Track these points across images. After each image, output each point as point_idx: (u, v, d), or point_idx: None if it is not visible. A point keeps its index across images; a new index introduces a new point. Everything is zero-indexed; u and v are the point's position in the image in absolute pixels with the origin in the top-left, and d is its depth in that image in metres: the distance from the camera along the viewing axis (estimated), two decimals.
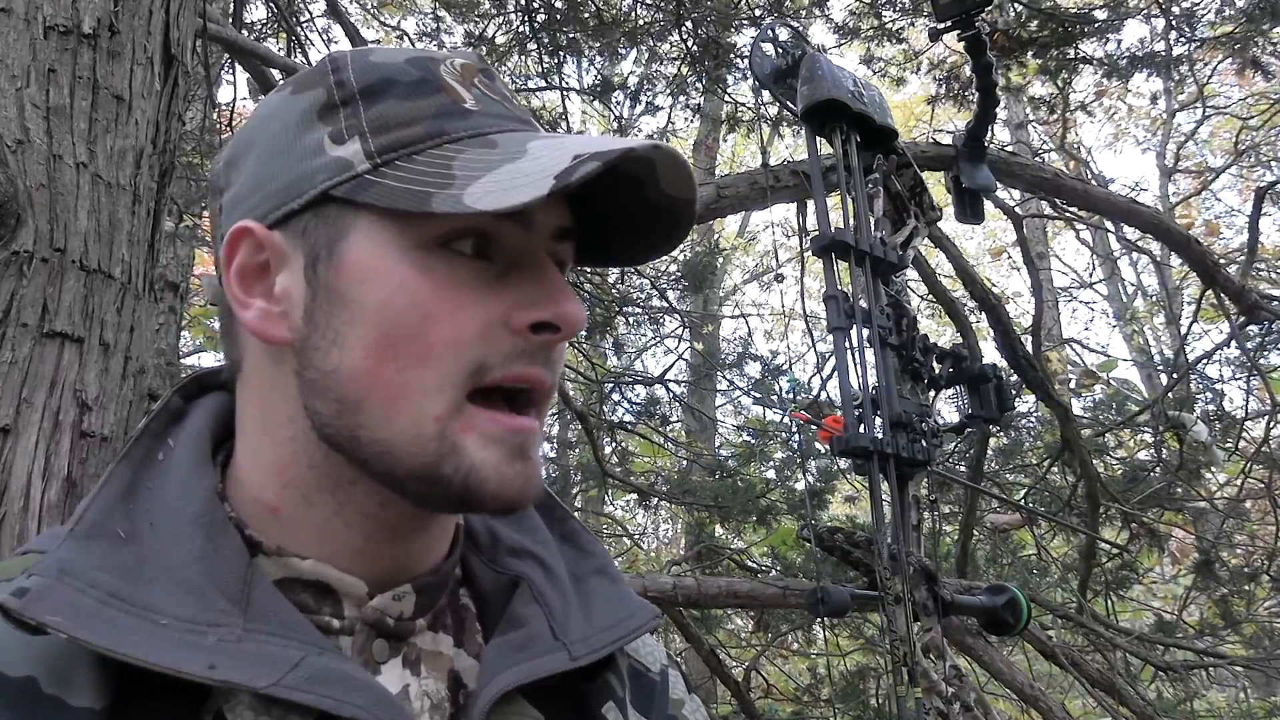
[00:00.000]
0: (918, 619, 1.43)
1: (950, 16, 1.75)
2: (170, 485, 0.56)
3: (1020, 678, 3.26)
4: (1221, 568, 4.51)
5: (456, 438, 0.53)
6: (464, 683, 0.59)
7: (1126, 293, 12.15)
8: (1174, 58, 4.88)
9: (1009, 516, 4.96)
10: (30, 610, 0.48)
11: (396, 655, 0.58)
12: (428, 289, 0.54)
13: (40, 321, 1.14)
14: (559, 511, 0.71)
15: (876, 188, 1.65)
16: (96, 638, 0.48)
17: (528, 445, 0.56)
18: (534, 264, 0.56)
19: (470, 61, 0.60)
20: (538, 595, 0.62)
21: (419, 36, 5.20)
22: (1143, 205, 3.39)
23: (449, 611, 0.62)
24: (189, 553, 0.53)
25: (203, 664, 0.48)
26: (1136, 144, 12.48)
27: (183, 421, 0.61)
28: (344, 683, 0.51)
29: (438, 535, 0.62)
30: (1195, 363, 4.64)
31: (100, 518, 0.54)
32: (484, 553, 0.66)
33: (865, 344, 1.48)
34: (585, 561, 0.68)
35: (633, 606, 0.66)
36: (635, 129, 5.62)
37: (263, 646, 0.50)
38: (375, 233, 0.54)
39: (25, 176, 1.15)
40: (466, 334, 0.54)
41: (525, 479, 0.55)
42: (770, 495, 4.56)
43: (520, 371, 0.55)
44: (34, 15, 1.21)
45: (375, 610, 0.57)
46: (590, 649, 0.60)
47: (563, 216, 0.59)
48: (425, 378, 0.53)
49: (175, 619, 0.50)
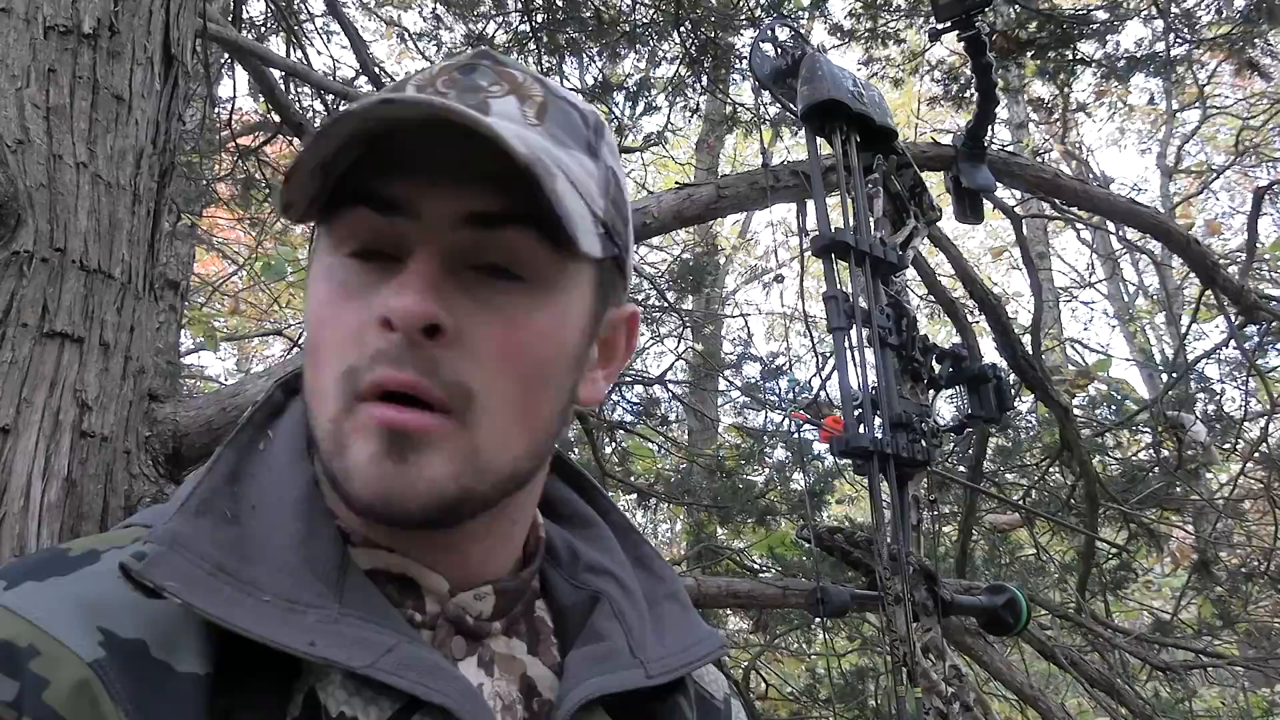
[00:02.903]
0: (917, 619, 1.43)
1: (950, 17, 1.75)
2: (272, 473, 0.58)
3: (1020, 678, 3.26)
4: (1220, 568, 4.51)
5: (345, 438, 0.53)
6: (538, 690, 0.60)
7: (1128, 292, 12.15)
8: (1173, 59, 4.89)
9: (1008, 517, 4.96)
10: (150, 573, 0.49)
11: (472, 654, 0.59)
12: (324, 295, 0.55)
13: (40, 321, 1.14)
14: (634, 535, 0.72)
15: (876, 188, 1.65)
16: (209, 606, 0.49)
17: (404, 445, 0.52)
18: (411, 258, 0.53)
19: (452, 63, 0.59)
20: (617, 612, 0.63)
21: (419, 36, 5.20)
22: (1143, 206, 3.39)
23: (524, 620, 0.63)
24: (290, 536, 0.54)
25: (304, 640, 0.50)
26: (1139, 143, 12.49)
27: (283, 415, 0.63)
28: (434, 671, 0.52)
29: (505, 539, 0.62)
30: (1194, 363, 4.64)
31: (209, 497, 0.55)
32: (564, 568, 0.67)
33: (865, 344, 1.48)
34: (658, 586, 0.69)
35: (702, 634, 0.67)
36: (635, 129, 5.62)
37: (358, 630, 0.52)
38: (320, 247, 0.57)
39: (25, 176, 1.15)
40: (342, 336, 0.54)
41: (394, 480, 0.51)
42: (770, 495, 4.56)
43: (382, 375, 0.52)
44: (34, 15, 1.21)
45: (456, 607, 0.59)
46: (665, 669, 0.61)
47: (475, 200, 0.53)
48: (323, 382, 0.54)
49: (277, 596, 0.51)
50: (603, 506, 0.72)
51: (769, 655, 5.23)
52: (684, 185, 2.79)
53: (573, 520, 0.70)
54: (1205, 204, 11.57)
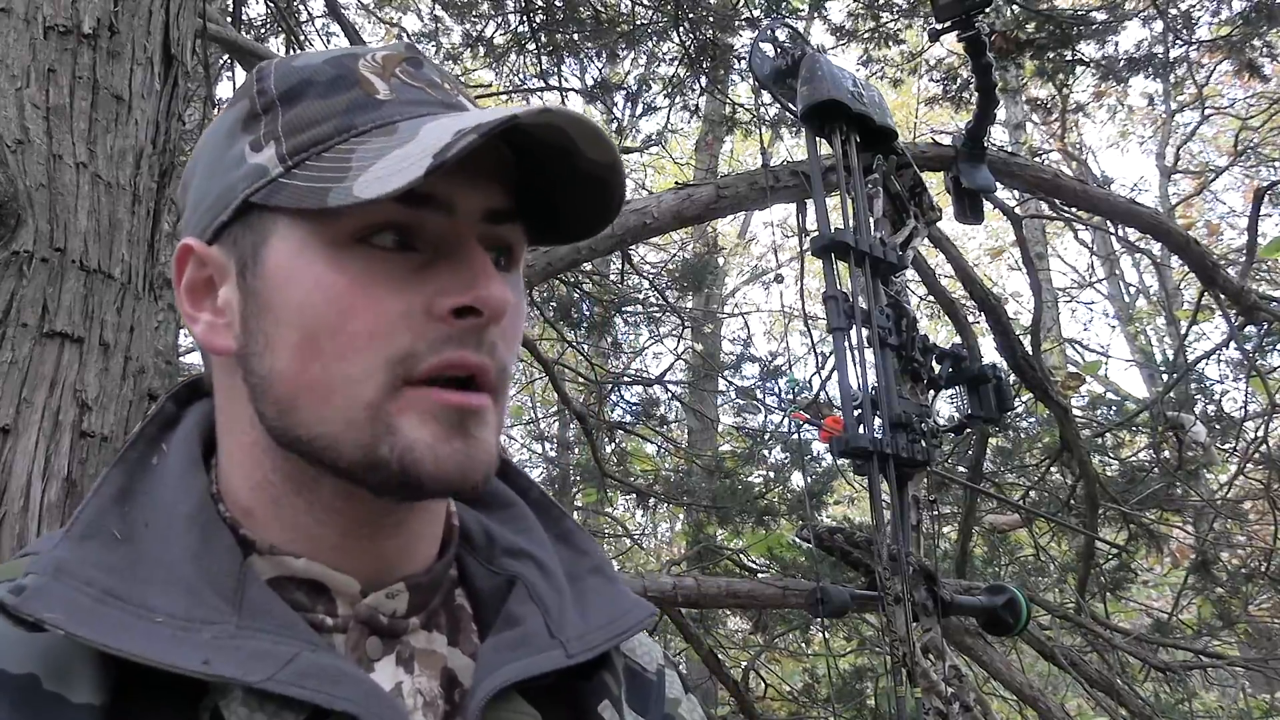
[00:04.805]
0: (917, 619, 1.43)
1: (950, 17, 1.75)
2: (164, 488, 0.57)
3: (1019, 678, 3.26)
4: (1220, 569, 4.51)
5: (391, 419, 0.53)
6: (459, 681, 0.59)
7: (1129, 293, 12.15)
8: (1172, 60, 4.89)
9: (1008, 517, 4.96)
10: (28, 607, 0.48)
11: (390, 653, 0.58)
12: (343, 285, 0.54)
13: (40, 321, 1.14)
14: (554, 511, 0.71)
15: (876, 188, 1.65)
16: (93, 634, 0.48)
17: (469, 422, 0.55)
18: (458, 250, 0.55)
19: (393, 52, 0.60)
20: (534, 594, 0.62)
21: (418, 36, 5.20)
22: (1142, 206, 3.40)
23: (443, 611, 0.62)
24: (182, 551, 0.54)
25: (197, 659, 0.49)
26: (1140, 144, 12.49)
27: (176, 427, 0.62)
28: (336, 678, 0.51)
29: (422, 533, 0.62)
30: (1194, 363, 4.64)
31: (95, 519, 0.54)
32: (480, 553, 0.66)
33: (865, 344, 1.48)
34: (581, 560, 0.68)
35: (628, 604, 0.66)
36: (634, 130, 5.62)
37: (256, 643, 0.51)
38: (291, 234, 0.55)
39: (25, 176, 1.15)
40: (386, 324, 0.54)
41: (465, 456, 0.54)
42: (770, 495, 4.56)
43: (450, 356, 0.54)
44: (34, 15, 1.21)
45: (368, 608, 0.58)
46: (586, 647, 0.60)
47: (493, 198, 0.57)
48: (350, 370, 0.53)
49: (170, 616, 0.51)
50: (521, 485, 0.71)
51: (768, 655, 5.23)
52: (683, 185, 2.79)
53: (489, 503, 0.69)
54: (1207, 205, 11.57)
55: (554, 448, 7.97)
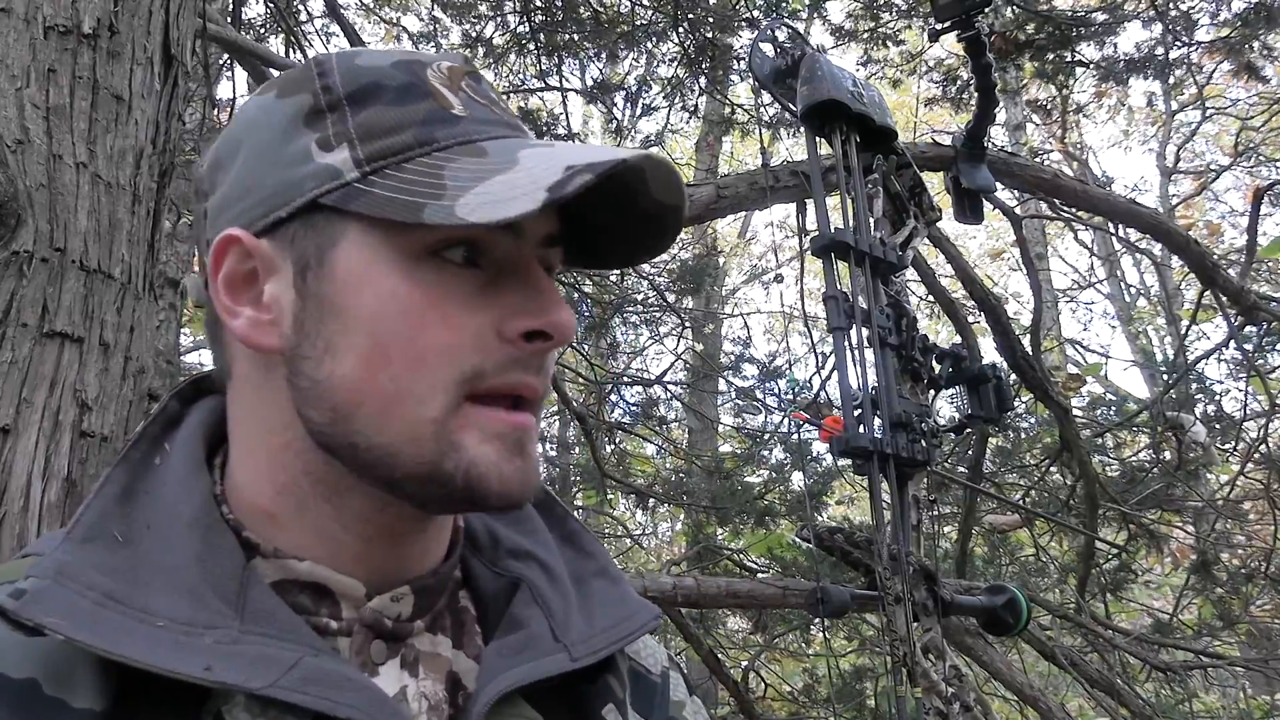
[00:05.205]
0: (917, 619, 1.43)
1: (949, 17, 1.75)
2: (167, 489, 0.57)
3: (1020, 678, 3.26)
4: (1220, 569, 4.51)
5: (454, 435, 0.54)
6: (463, 684, 0.59)
7: (1129, 293, 12.15)
8: (1172, 61, 4.89)
9: (1008, 517, 4.96)
10: (27, 611, 0.48)
11: (394, 657, 0.58)
12: (418, 297, 0.54)
13: (40, 321, 1.14)
14: (559, 511, 0.71)
15: (876, 188, 1.65)
16: (94, 639, 0.48)
17: (525, 441, 0.56)
18: (525, 272, 0.57)
19: (457, 65, 0.60)
20: (538, 597, 0.62)
21: (418, 36, 5.20)
22: (1142, 206, 3.40)
23: (448, 613, 0.62)
24: (185, 555, 0.53)
25: (199, 665, 0.48)
26: (1141, 144, 12.49)
27: (179, 426, 0.61)
28: (340, 684, 0.51)
29: (436, 537, 0.62)
30: (1194, 363, 4.64)
31: (97, 521, 0.54)
32: (484, 555, 0.66)
33: (865, 344, 1.48)
34: (586, 563, 0.68)
35: (633, 607, 0.66)
36: (633, 130, 5.62)
37: (259, 648, 0.50)
38: (365, 241, 0.54)
39: (25, 176, 1.15)
40: (459, 341, 0.54)
41: (525, 474, 0.56)
42: (770, 496, 4.56)
43: (516, 380, 0.56)
44: (34, 15, 1.21)
45: (373, 611, 0.57)
46: (590, 650, 0.60)
47: (552, 224, 0.59)
48: (418, 384, 0.53)
49: (172, 620, 0.50)
50: None
51: (768, 655, 5.23)
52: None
53: None
54: (1207, 204, 11.56)
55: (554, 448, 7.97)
